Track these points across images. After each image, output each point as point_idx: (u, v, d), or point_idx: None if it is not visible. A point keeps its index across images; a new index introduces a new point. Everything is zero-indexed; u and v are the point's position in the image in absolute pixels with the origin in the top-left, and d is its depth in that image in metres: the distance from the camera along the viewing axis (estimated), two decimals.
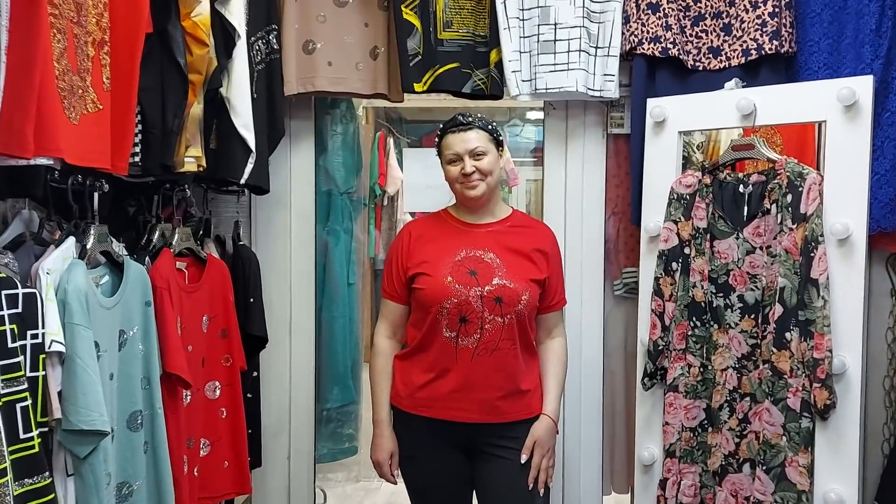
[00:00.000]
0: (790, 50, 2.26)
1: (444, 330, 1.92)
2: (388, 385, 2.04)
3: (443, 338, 1.92)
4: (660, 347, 2.18)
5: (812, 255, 1.91)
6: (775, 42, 2.23)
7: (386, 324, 2.08)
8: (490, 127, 1.99)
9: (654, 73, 2.36)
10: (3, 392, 1.35)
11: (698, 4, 2.34)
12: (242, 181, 2.18)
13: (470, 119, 1.98)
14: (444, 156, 2.00)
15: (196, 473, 2.03)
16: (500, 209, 2.05)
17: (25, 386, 1.39)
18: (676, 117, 2.23)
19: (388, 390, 2.04)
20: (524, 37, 2.37)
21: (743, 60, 2.28)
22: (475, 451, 1.97)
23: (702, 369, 2.13)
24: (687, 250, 2.14)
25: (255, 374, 2.45)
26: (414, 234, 2.04)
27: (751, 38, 2.26)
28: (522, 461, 1.93)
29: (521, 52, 2.38)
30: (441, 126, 2.02)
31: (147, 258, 1.91)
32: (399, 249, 2.04)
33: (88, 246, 1.65)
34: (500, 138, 2.02)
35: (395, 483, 2.06)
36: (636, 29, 2.33)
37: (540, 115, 3.00)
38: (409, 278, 1.99)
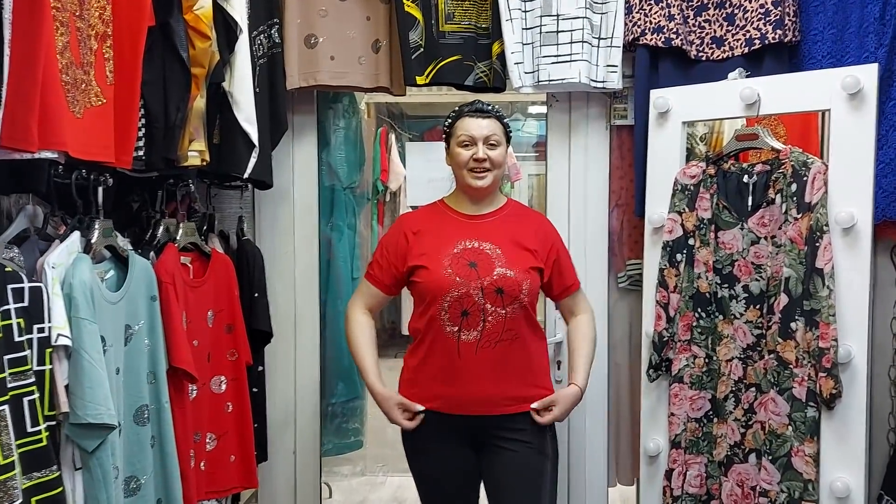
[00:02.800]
0: (794, 39, 2.25)
1: (446, 324, 1.91)
2: (372, 352, 2.03)
3: (445, 332, 1.91)
4: (665, 339, 2.17)
5: (817, 244, 1.91)
6: (779, 31, 2.22)
7: (362, 302, 2.08)
8: (506, 121, 2.00)
9: (657, 63, 2.36)
10: (10, 386, 1.35)
11: None
12: (246, 175, 2.18)
13: (489, 108, 1.99)
14: (456, 137, 1.97)
15: (203, 467, 2.04)
16: (497, 199, 2.06)
17: (33, 380, 1.39)
18: (680, 108, 2.22)
19: (372, 356, 2.03)
20: (526, 28, 2.36)
21: (746, 50, 2.28)
22: (483, 443, 1.97)
23: (707, 360, 2.13)
24: (691, 241, 2.14)
25: (260, 368, 2.45)
26: (411, 227, 2.03)
27: (754, 28, 2.26)
28: (533, 406, 1.94)
29: (523, 44, 2.37)
30: (457, 109, 2.01)
31: (152, 253, 1.91)
32: (394, 243, 2.03)
33: (93, 241, 1.66)
34: (511, 135, 2.03)
35: (415, 422, 1.98)
36: (639, 19, 2.32)
37: (542, 109, 3.00)
38: (406, 272, 1.98)
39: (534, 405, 1.94)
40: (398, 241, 2.02)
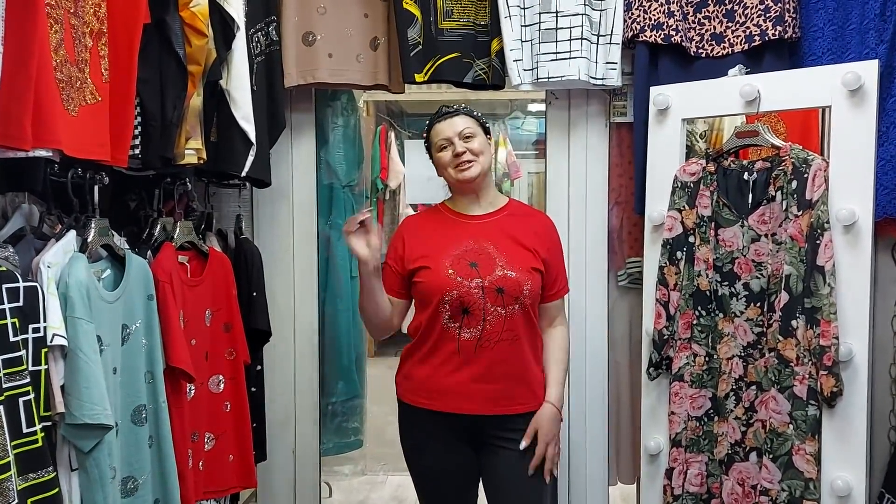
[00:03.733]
0: (794, 35, 2.24)
1: (447, 322, 1.91)
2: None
3: (445, 330, 1.91)
4: (665, 337, 2.17)
5: (818, 241, 1.90)
6: (779, 27, 2.21)
7: None
8: (476, 114, 2.02)
9: (656, 60, 2.35)
10: (5, 386, 1.34)
11: None
12: (243, 174, 2.17)
13: (455, 107, 2.01)
14: (434, 145, 2.00)
15: (201, 467, 2.03)
16: (497, 199, 2.05)
17: (28, 380, 1.38)
18: (680, 105, 2.21)
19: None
20: (525, 25, 2.35)
21: (746, 47, 2.26)
22: (482, 442, 1.96)
23: (707, 358, 2.12)
24: (691, 239, 2.13)
25: (258, 367, 2.45)
26: (412, 230, 2.04)
27: (754, 24, 2.25)
28: (521, 447, 1.91)
29: (522, 41, 2.36)
30: (427, 121, 2.04)
31: (149, 252, 1.90)
32: (398, 246, 2.03)
33: (89, 239, 1.64)
34: (487, 125, 2.03)
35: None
36: (638, 16, 2.31)
37: (541, 107, 2.99)
38: (409, 273, 1.98)
39: (522, 445, 1.91)
40: (398, 245, 2.02)
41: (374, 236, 1.86)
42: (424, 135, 2.05)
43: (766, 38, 2.23)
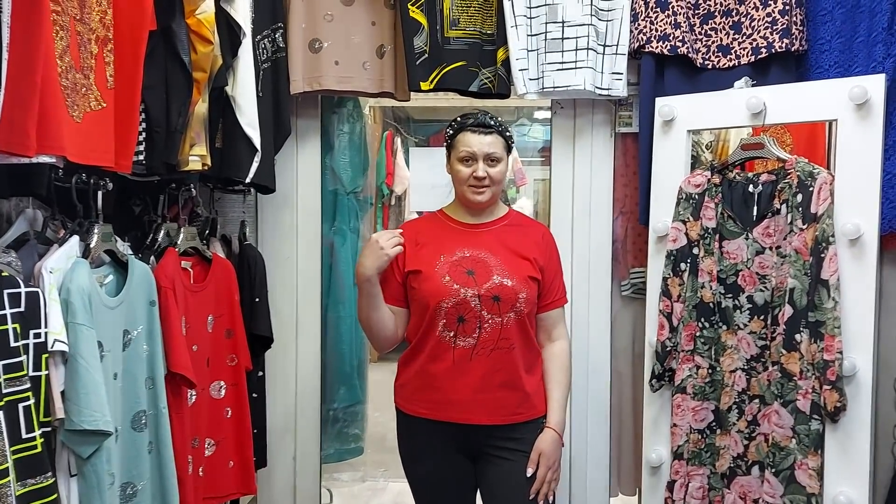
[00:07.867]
0: (801, 48, 2.23)
1: (442, 330, 1.90)
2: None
3: (440, 338, 1.90)
4: (668, 348, 2.16)
5: (822, 255, 1.89)
6: (785, 40, 2.21)
7: None
8: (507, 134, 1.97)
9: (662, 71, 2.34)
10: (5, 391, 1.34)
11: (707, 2, 2.32)
12: (248, 180, 2.17)
13: (492, 123, 1.94)
14: (457, 151, 1.95)
15: (201, 473, 2.02)
16: (498, 209, 2.04)
17: (28, 385, 1.38)
18: (685, 116, 2.21)
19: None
20: (531, 35, 2.35)
21: (753, 59, 2.26)
22: (479, 452, 1.95)
23: (710, 371, 2.11)
24: (695, 250, 2.12)
25: (260, 373, 2.44)
26: (409, 236, 2.01)
27: (761, 37, 2.24)
28: (528, 475, 1.90)
29: (528, 51, 2.36)
30: (459, 119, 1.97)
31: (152, 257, 1.90)
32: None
33: (92, 245, 1.65)
34: (513, 144, 2.01)
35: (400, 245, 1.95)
36: (644, 27, 2.31)
37: (548, 114, 2.98)
38: (405, 278, 1.97)
39: (528, 472, 1.90)
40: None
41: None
42: (450, 131, 1.98)
43: (773, 50, 2.22)
